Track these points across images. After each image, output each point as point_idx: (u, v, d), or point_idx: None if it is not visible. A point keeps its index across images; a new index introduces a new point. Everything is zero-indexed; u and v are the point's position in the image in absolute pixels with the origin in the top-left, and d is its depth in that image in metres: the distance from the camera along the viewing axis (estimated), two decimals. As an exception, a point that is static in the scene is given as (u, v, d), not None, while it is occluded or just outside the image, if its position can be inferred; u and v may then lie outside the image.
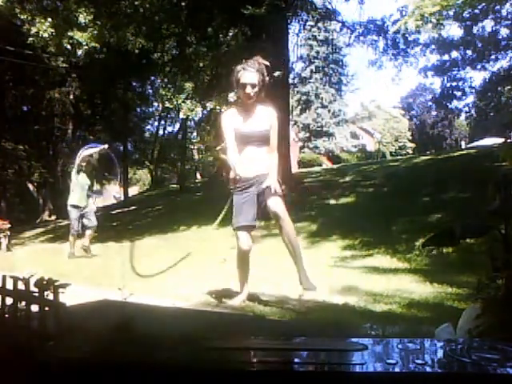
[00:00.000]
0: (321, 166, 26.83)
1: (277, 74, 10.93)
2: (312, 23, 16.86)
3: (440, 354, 1.12)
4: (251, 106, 3.47)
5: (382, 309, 3.23)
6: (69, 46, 11.28)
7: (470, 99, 31.86)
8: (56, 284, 1.43)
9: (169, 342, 1.24)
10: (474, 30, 20.41)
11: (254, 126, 3.44)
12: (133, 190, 31.96)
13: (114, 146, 26.49)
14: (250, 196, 3.45)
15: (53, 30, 10.41)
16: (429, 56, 20.90)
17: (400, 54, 14.19)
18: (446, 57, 22.69)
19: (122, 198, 25.46)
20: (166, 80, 14.39)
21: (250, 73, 3.35)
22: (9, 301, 1.52)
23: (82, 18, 10.53)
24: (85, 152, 7.67)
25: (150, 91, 23.47)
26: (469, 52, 21.87)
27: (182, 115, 12.92)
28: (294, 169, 16.90)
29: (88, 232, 7.49)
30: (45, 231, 13.62)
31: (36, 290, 1.45)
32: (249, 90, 3.34)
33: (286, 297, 3.60)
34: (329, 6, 13.98)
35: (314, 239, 7.20)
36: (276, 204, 3.41)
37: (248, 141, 3.42)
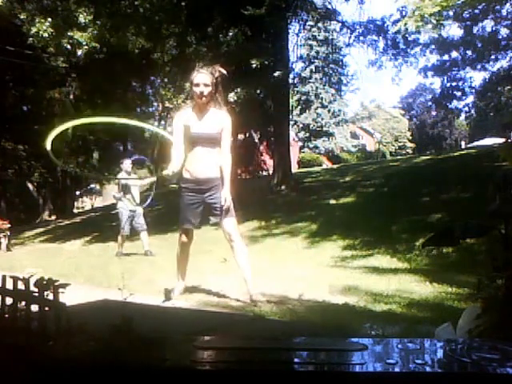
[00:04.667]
0: (321, 165, 26.83)
1: (277, 73, 10.94)
2: (312, 23, 16.84)
3: (440, 353, 1.12)
4: (204, 108, 3.55)
5: (382, 309, 3.23)
6: (69, 46, 11.28)
7: (470, 99, 31.87)
8: (56, 284, 1.43)
9: (168, 341, 1.24)
10: (474, 30, 20.37)
11: (204, 128, 3.51)
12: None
13: (114, 145, 26.54)
14: (195, 200, 3.55)
15: (53, 30, 10.40)
16: (429, 56, 20.89)
17: (400, 54, 14.19)
18: (446, 57, 22.65)
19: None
20: (166, 80, 14.39)
21: (202, 74, 3.49)
22: (9, 301, 1.52)
23: (82, 18, 10.53)
24: (128, 160, 8.03)
25: (150, 91, 23.48)
26: (469, 52, 21.83)
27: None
28: (294, 169, 16.90)
29: (143, 237, 7.56)
30: (45, 231, 13.60)
31: (36, 289, 1.45)
32: (201, 88, 3.45)
33: (286, 297, 3.60)
34: (329, 6, 13.98)
35: (314, 239, 7.20)
36: (230, 227, 3.56)
37: (197, 141, 3.50)
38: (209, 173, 3.53)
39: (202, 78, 3.46)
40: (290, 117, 16.85)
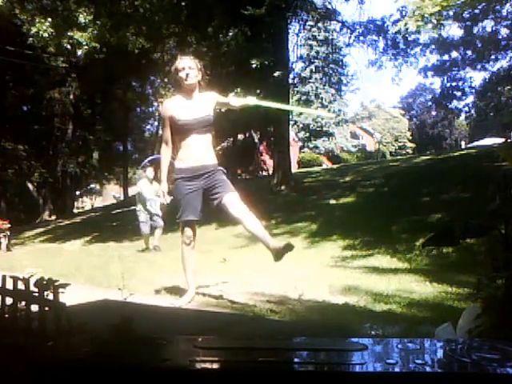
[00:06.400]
0: (321, 165, 26.81)
1: (277, 73, 10.94)
2: (312, 23, 16.85)
3: (440, 353, 1.12)
4: (191, 94, 3.45)
5: (382, 309, 3.23)
6: (69, 46, 11.28)
7: (470, 99, 31.88)
8: (56, 284, 1.43)
9: (168, 341, 1.24)
10: (474, 30, 20.37)
11: (194, 113, 3.39)
12: (133, 190, 32.00)
13: (114, 145, 26.56)
14: (193, 188, 3.37)
15: (53, 30, 10.41)
16: (429, 56, 20.88)
17: (400, 54, 14.20)
18: (446, 57, 22.66)
19: (122, 198, 25.48)
20: (166, 80, 14.41)
21: (185, 59, 3.45)
22: (9, 301, 1.52)
23: (82, 18, 10.54)
24: (151, 168, 8.08)
25: (150, 91, 23.50)
26: (469, 52, 21.84)
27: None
28: (294, 169, 16.90)
29: (157, 233, 7.69)
30: (45, 231, 13.61)
31: (36, 289, 1.45)
32: (187, 71, 3.38)
33: (286, 297, 3.60)
34: (329, 6, 13.99)
35: (314, 239, 7.20)
36: (233, 200, 3.34)
37: (189, 129, 3.37)
38: (205, 160, 3.38)
39: (186, 62, 3.41)
40: (290, 117, 16.85)
